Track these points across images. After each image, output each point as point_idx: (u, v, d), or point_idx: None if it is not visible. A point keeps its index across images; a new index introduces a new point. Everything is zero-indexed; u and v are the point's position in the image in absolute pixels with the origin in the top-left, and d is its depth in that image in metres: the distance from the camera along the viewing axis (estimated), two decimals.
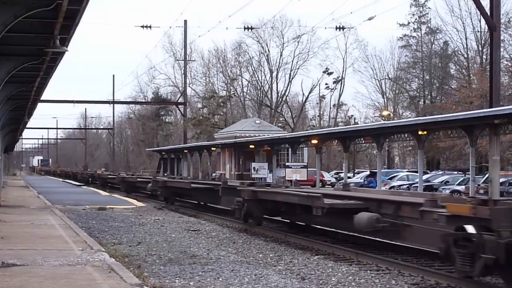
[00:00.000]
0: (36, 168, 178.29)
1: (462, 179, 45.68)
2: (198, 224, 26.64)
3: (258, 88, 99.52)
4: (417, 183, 40.30)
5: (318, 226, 21.30)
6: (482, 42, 73.96)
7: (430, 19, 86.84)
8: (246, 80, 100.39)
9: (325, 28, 75.06)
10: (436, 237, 13.62)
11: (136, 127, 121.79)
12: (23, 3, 14.45)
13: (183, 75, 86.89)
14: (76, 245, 16.31)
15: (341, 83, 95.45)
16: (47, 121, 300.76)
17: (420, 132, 33.64)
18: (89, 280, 11.65)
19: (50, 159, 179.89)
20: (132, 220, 28.04)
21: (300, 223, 22.78)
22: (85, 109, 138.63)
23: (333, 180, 65.03)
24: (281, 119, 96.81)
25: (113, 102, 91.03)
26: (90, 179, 72.16)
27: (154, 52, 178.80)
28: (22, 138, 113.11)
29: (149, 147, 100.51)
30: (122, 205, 37.32)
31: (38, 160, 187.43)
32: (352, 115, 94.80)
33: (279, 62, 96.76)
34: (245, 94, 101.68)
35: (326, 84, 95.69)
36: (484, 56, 71.94)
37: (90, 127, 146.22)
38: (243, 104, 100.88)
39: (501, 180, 34.45)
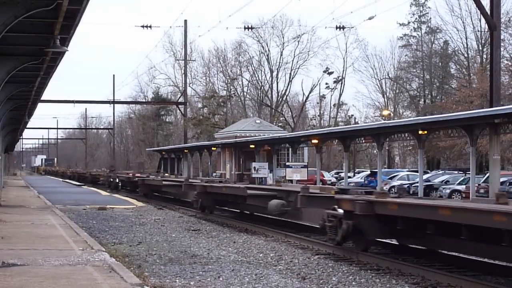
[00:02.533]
0: (40, 168, 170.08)
1: (462, 178, 45.65)
2: (198, 224, 26.63)
3: (258, 87, 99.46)
4: (417, 182, 40.28)
5: None
6: (482, 41, 73.87)
7: (430, 18, 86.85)
8: (246, 79, 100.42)
9: (325, 27, 75.31)
10: None
11: (136, 127, 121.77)
12: (23, 3, 14.44)
13: (183, 75, 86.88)
14: (77, 245, 16.31)
15: (341, 82, 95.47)
16: (48, 121, 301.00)
17: (420, 132, 33.60)
18: (90, 280, 11.65)
19: (56, 158, 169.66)
20: (132, 220, 28.05)
21: None
22: (86, 109, 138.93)
23: (334, 179, 65.06)
24: (281, 118, 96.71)
25: (113, 102, 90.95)
26: (120, 184, 54.20)
27: (154, 52, 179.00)
28: (22, 138, 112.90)
29: (149, 147, 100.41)
30: (122, 205, 37.34)
31: (42, 159, 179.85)
32: (352, 115, 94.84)
33: (279, 62, 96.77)
34: (245, 93, 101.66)
35: (327, 83, 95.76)
36: (484, 56, 71.83)
37: (90, 127, 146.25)
38: (243, 104, 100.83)
39: (502, 179, 34.39)
